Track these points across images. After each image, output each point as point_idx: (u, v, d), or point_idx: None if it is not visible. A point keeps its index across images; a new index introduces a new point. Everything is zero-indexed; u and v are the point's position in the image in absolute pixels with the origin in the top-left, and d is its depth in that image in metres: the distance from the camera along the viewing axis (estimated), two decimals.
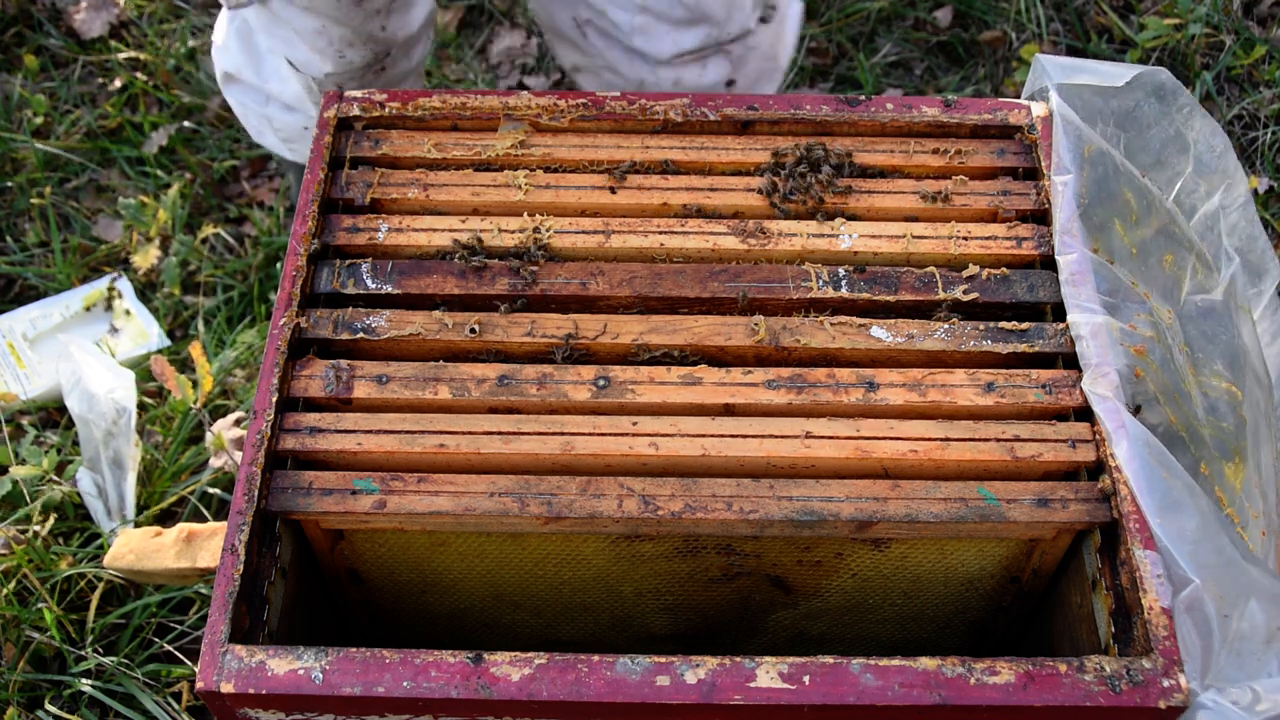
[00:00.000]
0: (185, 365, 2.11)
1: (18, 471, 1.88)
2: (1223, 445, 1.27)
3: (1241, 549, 1.12)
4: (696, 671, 1.05)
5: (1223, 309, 1.31)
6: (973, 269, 1.30)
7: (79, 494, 1.89)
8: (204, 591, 1.80)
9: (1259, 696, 1.06)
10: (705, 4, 1.78)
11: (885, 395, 1.22)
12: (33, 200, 2.37)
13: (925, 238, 1.32)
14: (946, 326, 1.26)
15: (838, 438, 1.19)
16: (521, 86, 2.54)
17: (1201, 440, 1.26)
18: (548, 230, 1.32)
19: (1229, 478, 1.26)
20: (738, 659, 1.06)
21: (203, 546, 1.54)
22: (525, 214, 1.34)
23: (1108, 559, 1.16)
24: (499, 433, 1.19)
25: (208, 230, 2.28)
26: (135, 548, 1.56)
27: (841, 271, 1.30)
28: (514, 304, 1.28)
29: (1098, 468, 1.18)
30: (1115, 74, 1.38)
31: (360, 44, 1.73)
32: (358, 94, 1.41)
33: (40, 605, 1.77)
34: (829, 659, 1.06)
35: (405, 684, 1.05)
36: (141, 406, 2.02)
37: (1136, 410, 1.22)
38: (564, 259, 1.31)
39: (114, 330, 2.18)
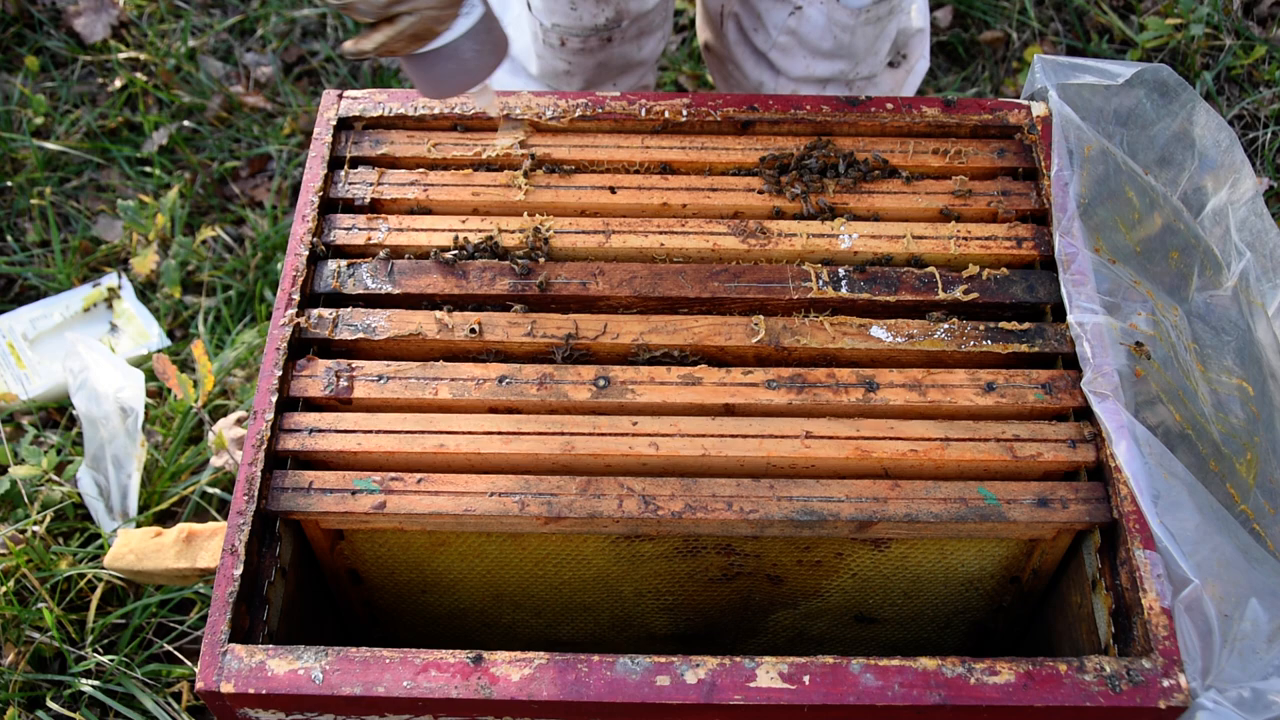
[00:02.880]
0: (185, 365, 2.11)
1: (17, 471, 1.88)
2: (1233, 441, 1.26)
3: (1246, 544, 1.12)
4: (696, 671, 1.05)
5: (1232, 304, 1.31)
6: (973, 269, 1.30)
7: (79, 494, 1.89)
8: (204, 591, 1.80)
9: (1260, 696, 1.06)
10: (853, 45, 1.82)
11: (885, 395, 1.22)
12: (33, 200, 2.37)
13: (925, 238, 1.32)
14: (946, 326, 1.26)
15: (838, 438, 1.19)
16: None
17: (1209, 437, 1.26)
18: (548, 230, 1.32)
19: (1241, 473, 1.26)
20: (738, 659, 1.06)
21: (203, 546, 1.54)
22: (525, 214, 1.34)
23: (1108, 559, 1.16)
24: (499, 433, 1.19)
25: (207, 232, 2.28)
26: (135, 548, 1.55)
27: (841, 271, 1.30)
28: (526, 304, 1.28)
29: (1098, 468, 1.19)
30: (1115, 73, 1.38)
31: (594, 2, 1.77)
32: (358, 93, 1.41)
33: (40, 605, 1.77)
34: (829, 659, 1.06)
35: (405, 684, 1.05)
36: None
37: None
38: (564, 259, 1.31)
39: (114, 330, 2.18)
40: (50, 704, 1.73)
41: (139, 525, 1.85)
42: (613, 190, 1.35)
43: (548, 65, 1.88)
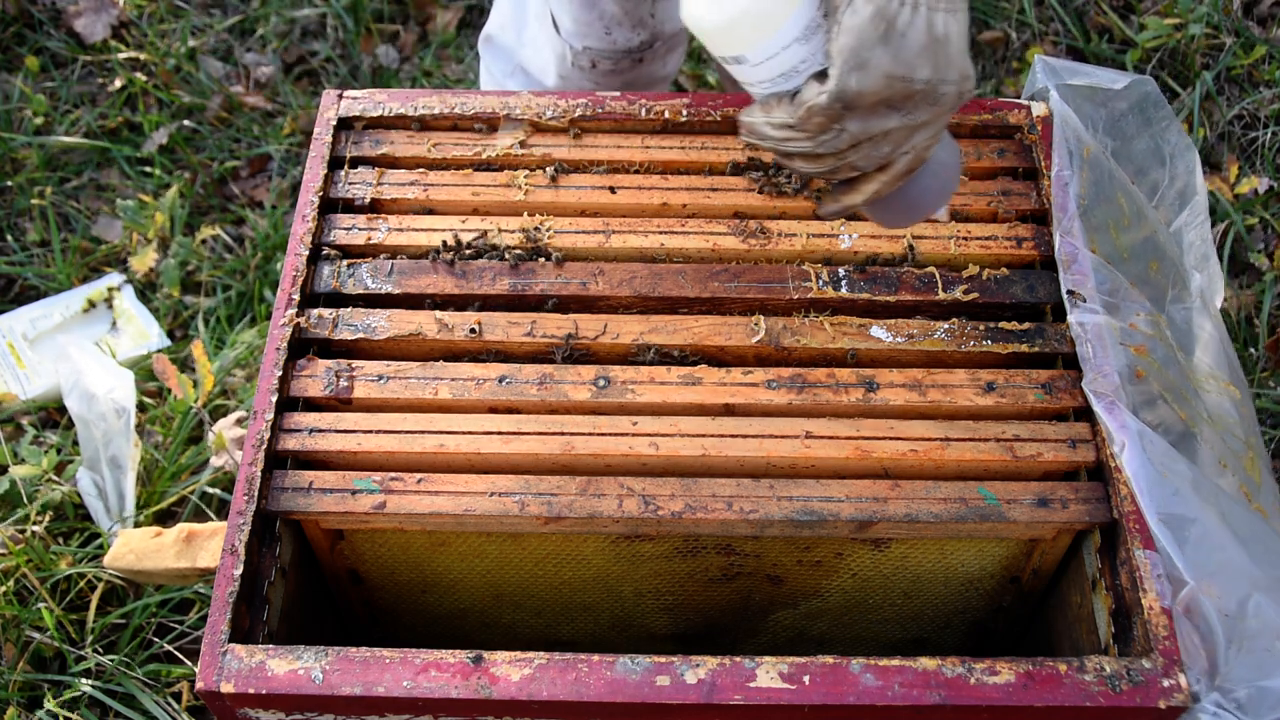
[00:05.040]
0: (185, 365, 2.11)
1: (17, 471, 1.88)
2: (1235, 440, 1.27)
3: (1249, 541, 1.11)
4: (696, 671, 1.05)
5: (1201, 316, 1.33)
6: (973, 269, 1.30)
7: (79, 494, 1.89)
8: (204, 591, 1.80)
9: (1265, 695, 1.05)
10: None
11: (885, 395, 1.22)
12: (33, 200, 2.37)
13: (925, 238, 1.32)
14: (946, 326, 1.26)
15: (838, 438, 1.19)
16: None
17: (1214, 435, 1.26)
18: (548, 230, 1.32)
19: (1248, 471, 1.26)
20: (738, 659, 1.06)
21: (203, 546, 1.54)
22: (525, 214, 1.34)
23: (1108, 559, 1.16)
24: (499, 433, 1.19)
25: (207, 231, 2.28)
26: (135, 548, 1.55)
27: (841, 271, 1.30)
28: (526, 304, 1.28)
29: (1098, 468, 1.19)
30: (1114, 79, 1.39)
31: (629, 26, 1.76)
32: (358, 93, 1.41)
33: (40, 605, 1.77)
34: (829, 659, 1.06)
35: (405, 684, 1.05)
36: (141, 406, 2.02)
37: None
38: (564, 259, 1.31)
39: (114, 330, 2.18)
40: (50, 704, 1.73)
41: (139, 525, 1.85)
42: (613, 190, 1.35)
43: (572, 86, 1.88)
